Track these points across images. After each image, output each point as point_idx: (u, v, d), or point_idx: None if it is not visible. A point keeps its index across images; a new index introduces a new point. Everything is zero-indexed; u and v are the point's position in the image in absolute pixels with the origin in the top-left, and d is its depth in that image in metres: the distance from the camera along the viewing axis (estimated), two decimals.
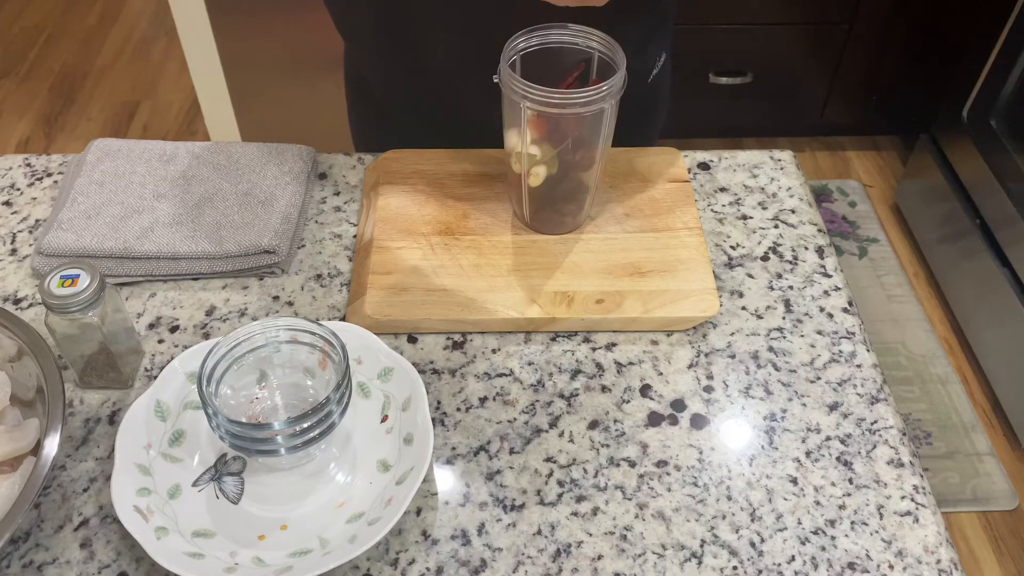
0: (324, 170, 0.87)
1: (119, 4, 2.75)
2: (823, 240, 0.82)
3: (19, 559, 0.60)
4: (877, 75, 2.11)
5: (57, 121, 2.36)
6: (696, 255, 0.76)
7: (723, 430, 0.67)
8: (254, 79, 1.86)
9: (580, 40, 0.71)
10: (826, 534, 0.62)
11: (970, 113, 1.83)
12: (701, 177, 0.87)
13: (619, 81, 0.67)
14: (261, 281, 0.77)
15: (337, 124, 1.96)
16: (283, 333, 0.63)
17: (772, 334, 0.74)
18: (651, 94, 0.94)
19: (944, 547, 0.61)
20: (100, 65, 2.54)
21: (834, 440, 0.67)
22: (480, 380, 0.70)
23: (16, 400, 0.64)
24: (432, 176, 0.83)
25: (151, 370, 0.71)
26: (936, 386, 1.78)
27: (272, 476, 0.64)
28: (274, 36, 1.79)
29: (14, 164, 0.88)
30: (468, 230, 0.78)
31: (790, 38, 2.03)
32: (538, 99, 0.66)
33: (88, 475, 0.64)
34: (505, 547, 0.61)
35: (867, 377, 0.71)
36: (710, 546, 0.61)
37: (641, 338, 0.73)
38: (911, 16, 1.99)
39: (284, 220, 0.78)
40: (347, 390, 0.61)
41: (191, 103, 2.40)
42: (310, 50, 1.81)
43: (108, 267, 0.75)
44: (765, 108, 2.18)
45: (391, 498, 0.60)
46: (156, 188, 0.81)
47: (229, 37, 1.78)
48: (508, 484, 0.64)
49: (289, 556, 0.58)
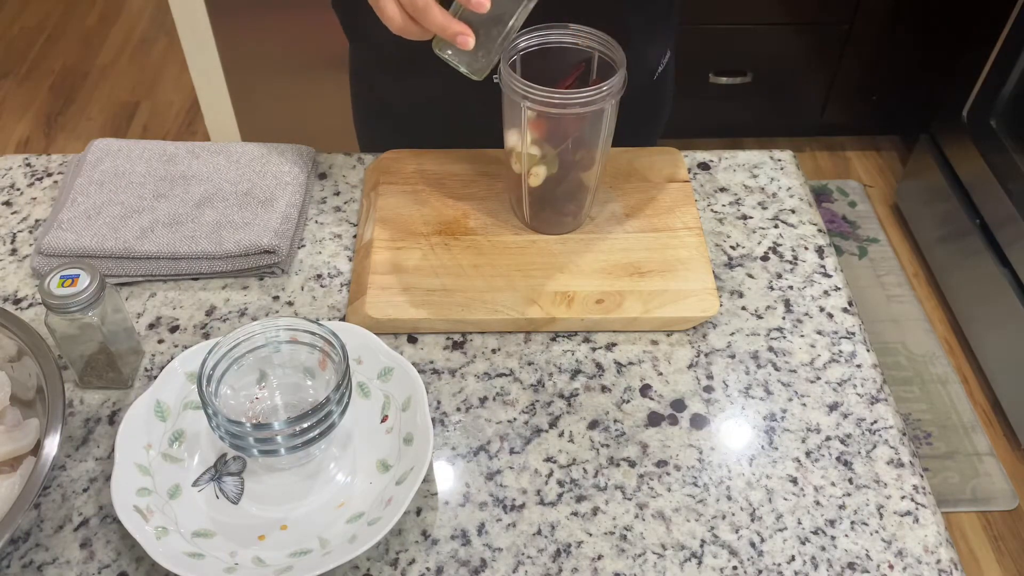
0: (324, 170, 0.87)
1: (119, 4, 2.75)
2: (823, 240, 0.82)
3: (19, 559, 0.60)
4: (877, 75, 2.11)
5: (57, 121, 2.36)
6: (696, 255, 0.76)
7: (723, 430, 0.67)
8: (254, 79, 1.86)
9: (580, 40, 0.71)
10: (826, 534, 0.62)
11: (970, 113, 1.83)
12: (701, 177, 0.87)
13: (619, 81, 0.67)
14: (261, 281, 0.77)
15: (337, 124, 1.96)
16: (283, 333, 0.63)
17: (772, 334, 0.74)
18: (656, 91, 0.94)
19: (944, 547, 0.61)
20: (100, 65, 2.53)
21: (834, 440, 0.67)
22: (480, 380, 0.70)
23: (16, 400, 0.64)
24: (432, 176, 0.83)
25: (151, 370, 0.71)
26: (936, 386, 1.78)
27: (272, 476, 0.64)
28: (274, 36, 1.79)
29: (14, 164, 0.88)
30: (468, 230, 0.78)
31: (790, 38, 2.03)
32: (538, 99, 0.66)
33: (88, 475, 0.64)
34: (505, 547, 0.61)
35: (867, 377, 0.71)
36: (710, 546, 0.61)
37: (641, 338, 0.73)
38: (911, 16, 1.99)
39: (284, 220, 0.78)
40: (347, 390, 0.61)
41: (191, 103, 2.40)
42: (310, 50, 1.81)
43: (108, 267, 0.75)
44: (765, 108, 2.18)
45: (391, 498, 0.60)
46: (156, 188, 0.81)
47: (229, 37, 1.78)
48: (508, 484, 0.64)
49: (289, 556, 0.58)
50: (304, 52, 1.81)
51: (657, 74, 0.92)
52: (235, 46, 1.80)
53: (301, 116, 1.92)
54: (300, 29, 1.78)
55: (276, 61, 1.83)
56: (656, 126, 0.99)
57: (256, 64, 1.83)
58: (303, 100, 1.89)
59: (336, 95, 1.85)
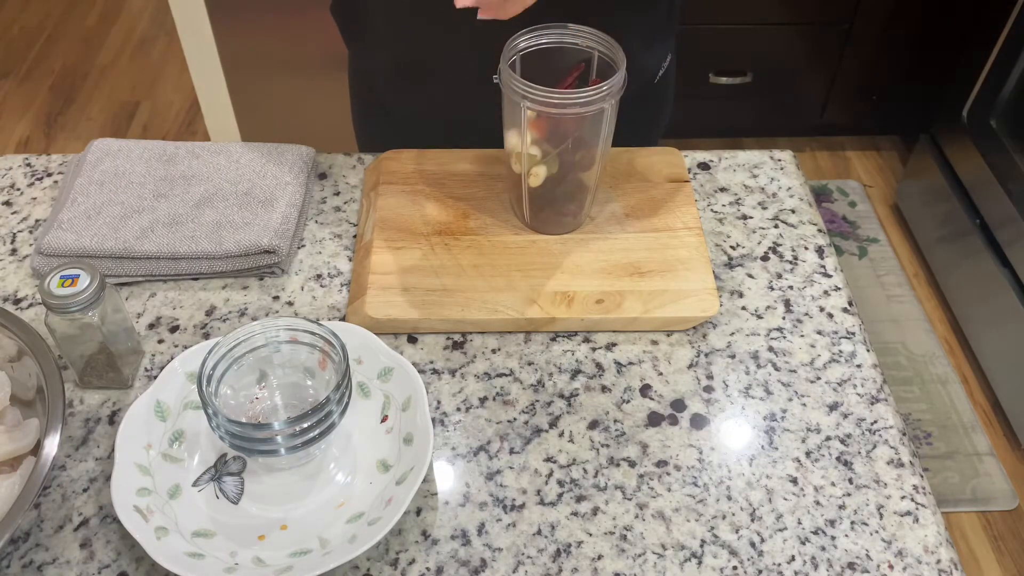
0: (324, 170, 0.87)
1: (119, 4, 2.75)
2: (823, 240, 0.82)
3: (19, 559, 0.60)
4: (877, 75, 2.11)
5: (57, 121, 2.36)
6: (696, 255, 0.76)
7: (723, 430, 0.67)
8: (254, 79, 1.85)
9: (580, 40, 0.71)
10: (826, 534, 0.62)
11: (970, 113, 1.83)
12: (701, 177, 0.87)
13: (619, 81, 0.67)
14: (261, 281, 0.77)
15: (337, 124, 1.96)
16: (283, 333, 0.63)
17: (772, 334, 0.74)
18: (657, 94, 0.94)
19: (944, 547, 0.61)
20: (100, 65, 2.53)
21: (834, 440, 0.67)
22: (480, 380, 0.70)
23: (16, 400, 0.64)
24: (432, 176, 0.83)
25: (151, 370, 0.71)
26: (936, 386, 1.78)
27: (272, 476, 0.64)
28: (274, 36, 1.79)
29: (14, 164, 0.88)
30: (468, 230, 0.78)
31: (790, 38, 2.03)
32: (538, 99, 0.66)
33: (88, 475, 0.64)
34: (505, 547, 0.61)
35: (867, 377, 0.71)
36: (710, 546, 0.61)
37: (641, 338, 0.73)
38: (911, 16, 1.99)
39: (284, 220, 0.78)
40: (347, 390, 0.61)
41: (191, 103, 2.40)
42: (310, 50, 1.81)
43: (108, 267, 0.75)
44: (765, 108, 2.18)
45: (391, 498, 0.60)
46: (156, 188, 0.81)
47: (229, 37, 1.78)
48: (508, 484, 0.64)
49: (289, 556, 0.58)
50: (304, 52, 1.81)
51: (658, 77, 0.92)
52: (235, 46, 1.80)
53: (301, 116, 1.92)
54: (300, 29, 1.78)
55: (276, 61, 1.83)
56: (657, 129, 0.99)
57: (256, 64, 1.83)
58: (303, 100, 1.89)
59: (336, 95, 1.85)
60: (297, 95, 1.89)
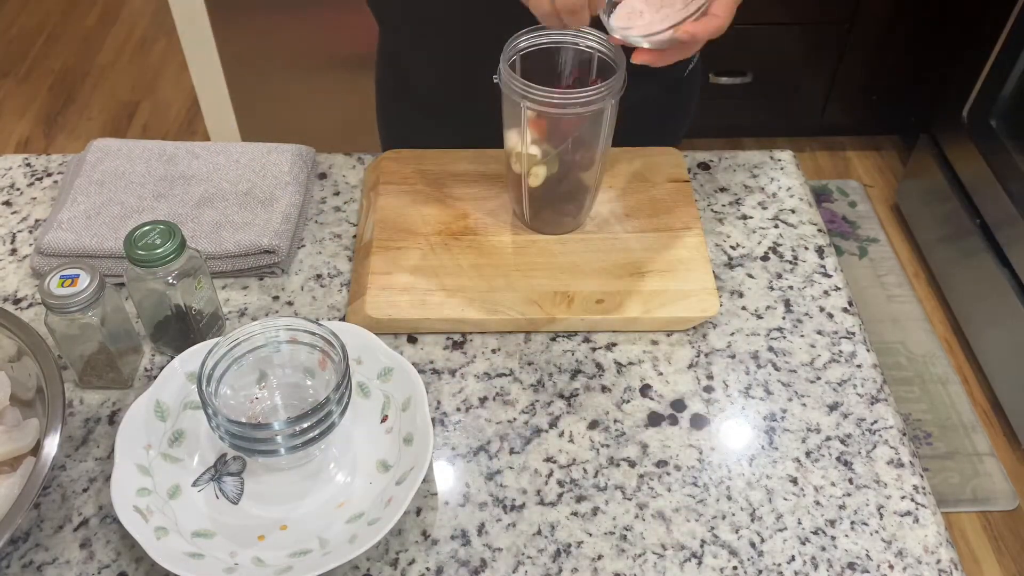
0: (324, 170, 0.87)
1: (119, 4, 2.75)
2: (823, 240, 0.81)
3: (19, 559, 0.60)
4: (877, 75, 2.11)
5: (57, 121, 2.36)
6: (696, 255, 0.76)
7: (723, 430, 0.67)
8: (254, 79, 1.85)
9: (580, 40, 0.71)
10: (826, 534, 0.62)
11: (970, 113, 1.83)
12: (701, 177, 0.87)
13: (619, 81, 0.67)
14: (261, 281, 0.77)
15: (337, 124, 1.96)
16: (283, 333, 0.63)
17: (772, 334, 0.74)
18: (683, 90, 0.94)
19: (944, 547, 0.61)
20: (100, 65, 2.53)
21: (834, 440, 0.67)
22: (480, 380, 0.70)
23: (16, 400, 0.64)
24: (432, 176, 0.83)
25: (151, 370, 0.71)
26: (936, 386, 1.77)
27: (272, 476, 0.64)
28: (274, 36, 1.79)
29: (14, 164, 0.88)
30: (468, 230, 0.78)
31: (790, 38, 2.03)
32: (538, 99, 0.66)
33: (88, 475, 0.64)
34: (505, 547, 0.61)
35: (867, 377, 0.71)
36: (710, 546, 0.61)
37: (641, 338, 0.73)
38: (911, 16, 1.99)
39: (284, 220, 0.78)
40: (347, 390, 0.61)
41: (191, 103, 2.40)
42: (310, 50, 1.81)
43: (108, 267, 0.75)
44: (765, 108, 2.18)
45: (391, 498, 0.60)
46: (156, 188, 0.81)
47: (229, 37, 1.78)
48: (508, 484, 0.64)
49: (289, 556, 0.58)
50: (304, 52, 1.81)
51: (688, 71, 0.92)
52: (235, 46, 1.80)
53: (301, 116, 1.92)
54: (300, 29, 1.78)
55: (276, 61, 1.83)
56: (682, 125, 0.99)
57: (256, 64, 1.83)
58: (303, 100, 1.89)
59: (336, 95, 1.85)
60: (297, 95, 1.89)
